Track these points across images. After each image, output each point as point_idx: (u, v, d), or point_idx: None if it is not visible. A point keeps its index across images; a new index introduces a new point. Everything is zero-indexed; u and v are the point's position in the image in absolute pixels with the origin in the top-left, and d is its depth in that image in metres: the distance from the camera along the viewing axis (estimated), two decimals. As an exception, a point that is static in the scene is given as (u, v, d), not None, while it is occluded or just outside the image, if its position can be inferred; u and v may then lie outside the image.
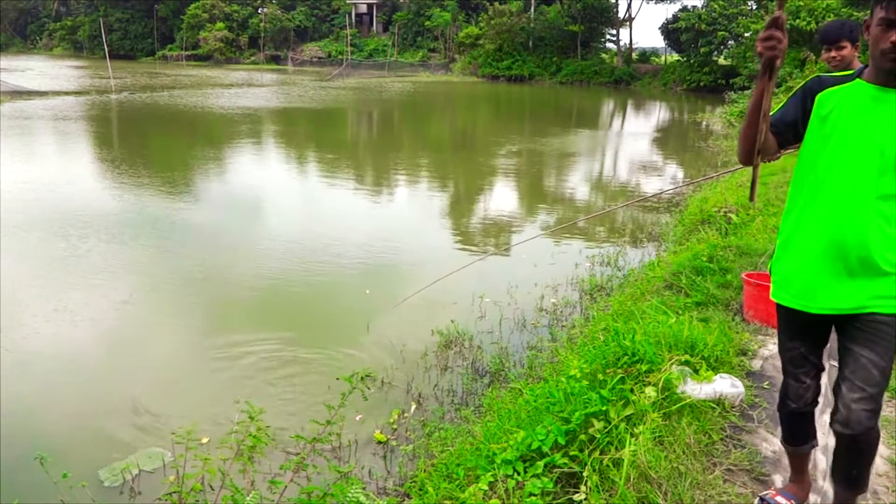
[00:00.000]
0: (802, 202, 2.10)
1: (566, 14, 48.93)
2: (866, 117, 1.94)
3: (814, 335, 2.23)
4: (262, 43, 62.17)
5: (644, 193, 12.60)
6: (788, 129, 2.11)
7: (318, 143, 18.90)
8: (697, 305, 4.83)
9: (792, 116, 2.09)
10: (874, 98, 1.94)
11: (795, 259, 2.13)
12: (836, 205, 2.00)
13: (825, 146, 2.02)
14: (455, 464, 3.17)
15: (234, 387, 4.69)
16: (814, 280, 2.09)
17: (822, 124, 2.02)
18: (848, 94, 1.99)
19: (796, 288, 2.14)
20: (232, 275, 7.18)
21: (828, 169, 2.01)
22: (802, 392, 2.29)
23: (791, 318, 2.23)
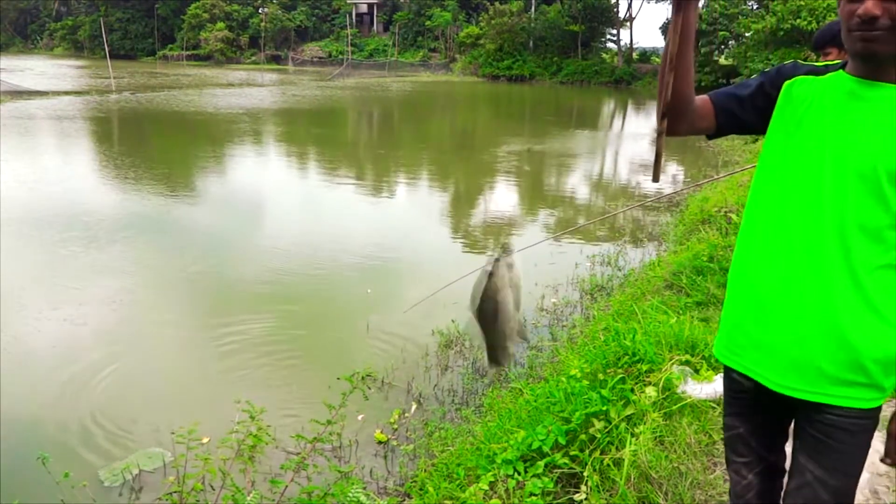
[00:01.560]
0: (756, 230, 1.54)
1: (567, 14, 48.91)
2: (840, 119, 1.41)
3: (760, 415, 1.63)
4: (263, 43, 62.18)
5: (646, 193, 12.60)
6: (732, 107, 1.59)
7: (318, 142, 18.90)
8: (698, 305, 4.84)
9: (745, 92, 1.58)
10: (851, 94, 1.41)
11: (743, 306, 1.55)
12: (795, 246, 1.43)
13: (785, 155, 1.48)
14: (456, 463, 3.17)
15: (235, 386, 4.69)
16: (763, 340, 1.50)
17: (783, 123, 1.50)
18: (822, 88, 1.47)
19: (739, 344, 1.56)
20: (232, 274, 7.18)
21: (787, 190, 1.46)
22: (742, 491, 1.71)
23: (730, 384, 1.67)
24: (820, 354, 1.41)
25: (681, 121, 1.59)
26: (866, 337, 1.38)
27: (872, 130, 1.36)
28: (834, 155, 1.40)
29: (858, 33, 1.35)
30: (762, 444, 1.67)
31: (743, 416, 1.66)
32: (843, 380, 1.41)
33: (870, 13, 1.30)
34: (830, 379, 1.42)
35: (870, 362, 1.39)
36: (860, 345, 1.38)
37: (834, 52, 3.99)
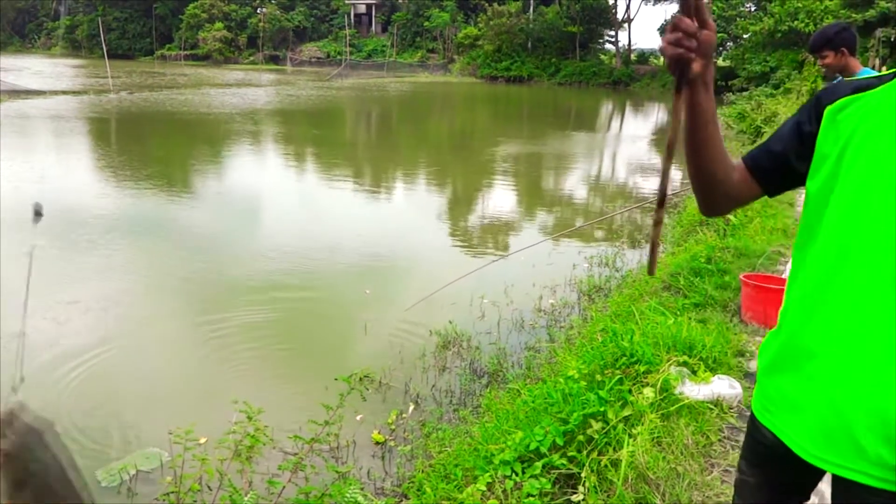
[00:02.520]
0: (808, 283, 1.27)
1: (565, 15, 48.99)
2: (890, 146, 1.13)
3: (780, 474, 1.40)
4: (261, 43, 62.15)
5: (644, 195, 12.61)
6: (774, 166, 1.31)
7: (316, 143, 18.89)
8: (695, 306, 4.84)
9: (782, 145, 1.30)
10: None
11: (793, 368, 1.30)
12: (857, 310, 1.16)
13: (834, 193, 1.20)
14: (453, 464, 3.17)
15: (233, 387, 4.68)
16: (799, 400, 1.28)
17: (828, 160, 1.22)
18: (871, 106, 1.18)
19: (780, 403, 1.33)
20: (229, 274, 7.18)
21: (841, 236, 1.19)
22: None
23: (755, 434, 1.43)
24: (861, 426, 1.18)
25: (720, 202, 1.39)
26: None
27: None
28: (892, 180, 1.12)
29: None
30: (772, 499, 1.47)
31: (760, 468, 1.46)
32: (884, 462, 1.16)
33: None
34: (868, 456, 1.18)
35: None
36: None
37: (830, 56, 4.02)
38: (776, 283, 4.52)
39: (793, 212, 7.91)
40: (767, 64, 34.37)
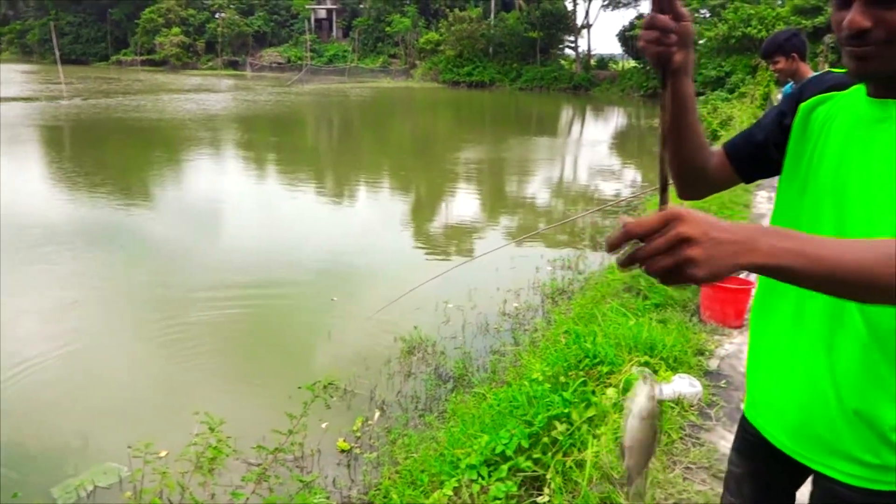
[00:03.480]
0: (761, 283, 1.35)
1: (525, 21, 49.45)
2: (858, 150, 1.13)
3: (765, 465, 1.42)
4: (220, 48, 61.30)
5: (605, 198, 12.78)
6: (753, 154, 1.33)
7: (277, 149, 18.69)
8: (656, 307, 4.92)
9: (763, 134, 1.32)
10: (868, 119, 1.13)
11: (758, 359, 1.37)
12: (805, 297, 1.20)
13: (801, 195, 1.23)
14: (419, 470, 3.16)
15: (194, 397, 4.60)
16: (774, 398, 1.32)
17: (794, 157, 1.25)
18: (838, 109, 1.20)
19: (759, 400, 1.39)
20: (188, 282, 7.05)
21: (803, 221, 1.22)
22: None
23: (744, 427, 1.49)
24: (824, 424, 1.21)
25: (699, 186, 1.41)
26: (881, 409, 1.14)
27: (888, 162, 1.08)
28: (848, 195, 1.13)
29: (849, 49, 1.07)
30: (760, 494, 1.47)
31: (747, 459, 1.48)
32: (852, 456, 1.19)
33: (857, 25, 1.02)
34: (838, 452, 1.21)
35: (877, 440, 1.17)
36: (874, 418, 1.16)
37: (782, 61, 4.14)
38: (734, 283, 4.62)
39: (748, 213, 8.10)
40: (722, 69, 35.22)
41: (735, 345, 4.38)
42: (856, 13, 1.02)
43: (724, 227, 0.81)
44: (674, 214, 0.80)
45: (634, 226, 0.82)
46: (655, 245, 0.80)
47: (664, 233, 0.80)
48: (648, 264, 0.82)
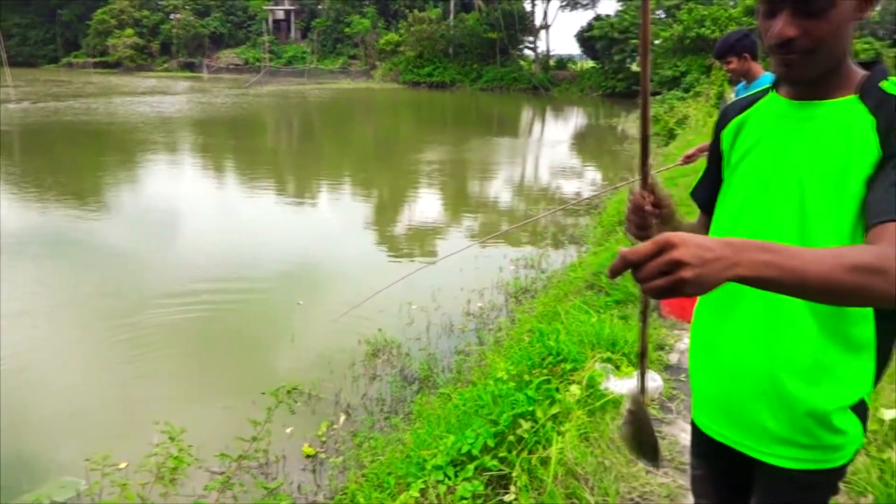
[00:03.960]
0: None
1: (485, 21, 49.68)
2: (780, 148, 1.23)
3: (719, 462, 1.47)
4: (175, 49, 60.12)
5: (566, 197, 12.92)
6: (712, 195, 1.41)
7: (236, 152, 18.41)
8: (617, 303, 4.98)
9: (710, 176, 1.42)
10: (787, 117, 1.24)
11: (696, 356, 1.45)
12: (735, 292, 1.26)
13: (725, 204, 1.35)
14: (386, 473, 3.15)
15: (154, 406, 4.50)
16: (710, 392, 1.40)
17: (735, 164, 1.33)
18: (758, 117, 1.30)
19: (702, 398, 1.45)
20: (146, 289, 6.90)
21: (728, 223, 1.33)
22: None
23: (695, 431, 1.53)
24: (761, 410, 1.28)
25: None
26: (810, 392, 1.23)
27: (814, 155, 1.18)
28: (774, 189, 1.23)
29: (777, 56, 1.14)
30: (722, 491, 1.53)
31: (702, 459, 1.54)
32: (788, 439, 1.27)
33: (784, 35, 1.09)
34: (775, 438, 1.28)
35: (811, 421, 1.24)
36: (803, 401, 1.23)
37: (734, 61, 4.24)
38: (691, 279, 4.71)
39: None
40: (678, 69, 35.90)
41: (694, 339, 4.46)
42: (783, 24, 1.09)
43: (710, 247, 0.87)
44: (666, 241, 0.86)
45: (631, 253, 0.87)
46: (651, 269, 0.86)
47: (658, 258, 0.86)
48: (645, 286, 0.88)
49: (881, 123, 1.12)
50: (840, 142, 1.15)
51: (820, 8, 1.07)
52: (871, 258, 0.93)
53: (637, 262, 0.87)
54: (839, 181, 1.14)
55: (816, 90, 1.19)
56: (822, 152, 1.17)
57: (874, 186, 1.11)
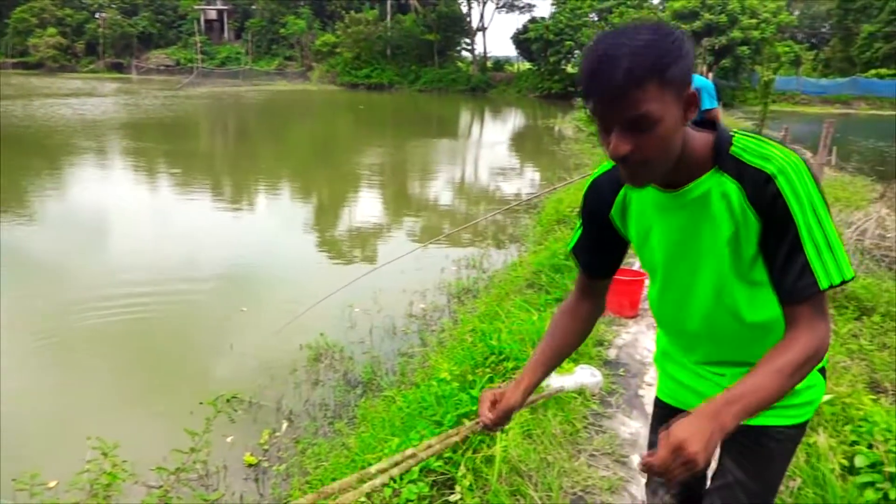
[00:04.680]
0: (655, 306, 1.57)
1: (422, 23, 49.80)
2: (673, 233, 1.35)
3: None
4: (102, 50, 57.91)
5: (506, 197, 13.06)
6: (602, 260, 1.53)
7: (168, 156, 17.85)
8: (557, 301, 5.07)
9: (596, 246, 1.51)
10: (665, 208, 1.34)
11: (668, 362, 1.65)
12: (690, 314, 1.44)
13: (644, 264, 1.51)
14: (330, 478, 3.11)
15: (85, 420, 4.33)
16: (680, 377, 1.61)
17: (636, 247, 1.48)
18: (639, 205, 1.40)
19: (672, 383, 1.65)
20: (72, 296, 6.61)
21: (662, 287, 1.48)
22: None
23: (658, 408, 1.73)
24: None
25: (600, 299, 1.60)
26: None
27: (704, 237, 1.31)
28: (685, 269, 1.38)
29: (619, 167, 1.21)
30: None
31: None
32: None
33: (619, 153, 1.15)
34: None
35: None
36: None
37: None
38: (629, 275, 4.83)
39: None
40: (611, 70, 36.79)
41: (631, 334, 4.59)
42: (615, 142, 1.14)
43: (704, 428, 1.06)
44: (678, 444, 1.05)
45: (657, 465, 1.07)
46: (674, 473, 1.06)
47: (677, 460, 1.05)
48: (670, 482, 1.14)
49: (749, 192, 1.21)
50: (721, 215, 1.26)
51: (645, 126, 1.12)
52: (800, 356, 1.15)
53: (660, 471, 1.07)
54: (734, 248, 1.27)
55: (676, 179, 1.27)
56: (711, 228, 1.28)
57: (772, 260, 1.23)
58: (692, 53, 1.15)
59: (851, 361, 4.05)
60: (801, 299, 1.18)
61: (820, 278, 1.17)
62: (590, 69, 1.12)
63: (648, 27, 1.13)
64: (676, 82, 1.12)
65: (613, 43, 1.10)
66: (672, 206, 1.31)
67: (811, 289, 1.17)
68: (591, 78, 1.12)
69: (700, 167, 1.26)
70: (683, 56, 1.12)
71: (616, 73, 1.08)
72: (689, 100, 1.16)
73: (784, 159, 1.19)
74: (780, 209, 1.18)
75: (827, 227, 1.18)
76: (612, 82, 1.09)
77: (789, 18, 40.07)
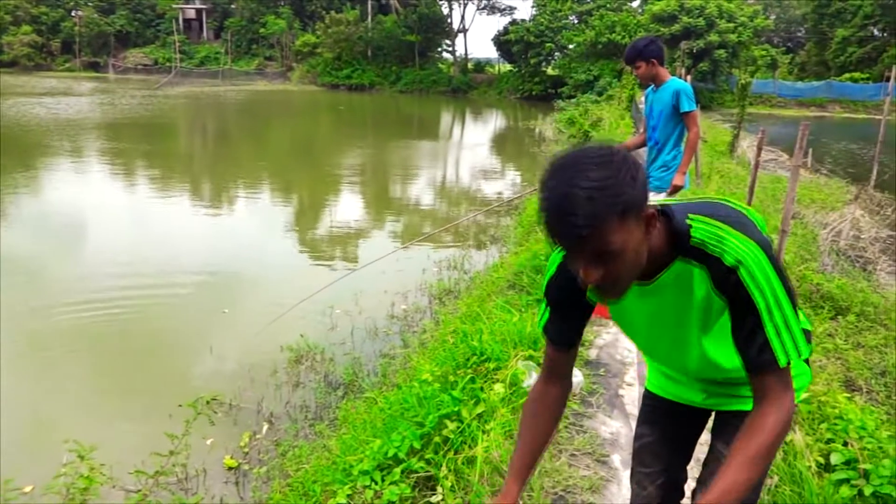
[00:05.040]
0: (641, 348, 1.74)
1: (403, 24, 49.73)
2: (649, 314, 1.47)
3: (672, 422, 1.77)
4: (79, 48, 57.10)
5: (488, 198, 13.09)
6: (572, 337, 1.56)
7: (148, 157, 17.65)
8: (539, 302, 5.08)
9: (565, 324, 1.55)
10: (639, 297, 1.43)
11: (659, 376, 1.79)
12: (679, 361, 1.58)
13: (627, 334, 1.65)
14: (311, 481, 3.10)
15: (63, 423, 4.28)
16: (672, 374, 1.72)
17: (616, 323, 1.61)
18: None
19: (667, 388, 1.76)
20: (51, 297, 6.51)
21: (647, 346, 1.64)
22: (639, 502, 1.82)
23: (649, 400, 1.83)
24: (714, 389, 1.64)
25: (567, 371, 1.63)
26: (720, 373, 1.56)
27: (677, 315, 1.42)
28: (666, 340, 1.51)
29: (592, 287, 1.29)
30: (671, 452, 1.77)
31: (656, 424, 1.78)
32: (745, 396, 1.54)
33: (589, 281, 1.23)
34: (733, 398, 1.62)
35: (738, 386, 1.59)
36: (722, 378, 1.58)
37: (642, 66, 4.42)
38: (608, 276, 4.86)
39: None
40: (591, 73, 37.05)
41: (612, 334, 4.62)
42: (584, 271, 1.21)
43: None
44: None
45: None
46: None
47: None
48: None
49: (713, 276, 1.30)
50: (690, 294, 1.35)
51: (611, 258, 1.19)
52: (770, 437, 1.24)
53: None
54: (705, 319, 1.38)
55: (645, 273, 1.33)
56: (683, 304, 1.38)
57: (737, 333, 1.32)
58: (644, 174, 1.20)
59: (827, 360, 4.12)
60: (763, 372, 1.28)
61: (779, 356, 1.27)
62: (549, 216, 1.18)
63: (598, 160, 1.16)
64: (635, 210, 1.18)
65: (568, 189, 1.14)
66: (644, 292, 1.40)
67: (772, 365, 1.27)
68: (552, 224, 1.18)
69: (664, 258, 1.34)
70: (637, 182, 1.17)
71: (576, 220, 1.13)
72: (648, 220, 1.22)
73: (743, 251, 1.26)
74: (743, 296, 1.27)
75: (786, 310, 1.27)
76: (574, 230, 1.15)
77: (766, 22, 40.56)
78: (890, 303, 5.12)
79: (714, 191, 9.18)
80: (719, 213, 1.33)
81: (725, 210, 1.34)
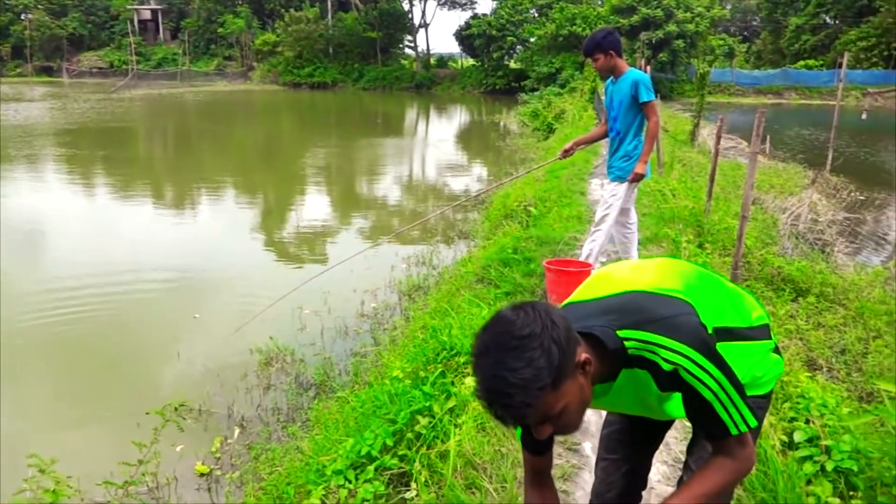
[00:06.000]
0: None
1: (363, 21, 49.48)
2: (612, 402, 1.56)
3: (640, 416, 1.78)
4: (30, 53, 55.61)
5: (454, 194, 13.10)
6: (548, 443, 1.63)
7: (106, 163, 17.27)
8: (507, 295, 5.12)
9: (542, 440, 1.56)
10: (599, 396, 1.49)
11: None
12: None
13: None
14: (285, 483, 3.08)
15: (26, 437, 4.17)
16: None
17: None
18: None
19: None
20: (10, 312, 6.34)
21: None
22: (604, 489, 1.89)
23: None
24: None
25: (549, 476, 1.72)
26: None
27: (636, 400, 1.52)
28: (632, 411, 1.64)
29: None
30: (637, 440, 1.84)
31: (622, 414, 1.83)
32: None
33: (543, 436, 1.34)
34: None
35: None
36: None
37: (601, 58, 4.47)
38: (575, 266, 4.91)
39: (584, 200, 8.66)
40: (553, 65, 37.31)
41: (580, 324, 4.66)
42: (536, 430, 1.31)
43: None
44: None
45: None
46: None
47: None
48: None
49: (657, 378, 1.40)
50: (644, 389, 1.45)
51: (555, 417, 1.27)
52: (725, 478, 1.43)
53: None
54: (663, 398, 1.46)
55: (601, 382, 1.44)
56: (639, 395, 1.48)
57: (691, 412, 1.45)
58: (567, 323, 1.24)
59: (790, 341, 4.22)
60: (719, 440, 1.43)
61: (731, 428, 1.40)
62: (488, 406, 1.24)
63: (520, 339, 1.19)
64: (567, 372, 1.23)
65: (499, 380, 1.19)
66: (606, 391, 1.49)
67: (726, 434, 1.41)
68: (494, 412, 1.24)
69: (611, 372, 1.43)
70: (561, 343, 1.21)
71: (514, 408, 1.20)
72: (583, 364, 1.28)
73: (677, 357, 1.35)
74: (690, 389, 1.38)
75: (731, 392, 1.38)
76: (514, 414, 1.22)
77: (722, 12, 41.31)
78: (848, 283, 5.26)
79: (676, 179, 9.33)
80: (644, 316, 1.39)
81: (650, 312, 1.40)
